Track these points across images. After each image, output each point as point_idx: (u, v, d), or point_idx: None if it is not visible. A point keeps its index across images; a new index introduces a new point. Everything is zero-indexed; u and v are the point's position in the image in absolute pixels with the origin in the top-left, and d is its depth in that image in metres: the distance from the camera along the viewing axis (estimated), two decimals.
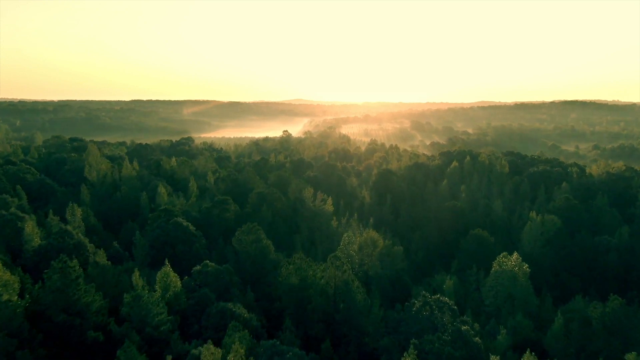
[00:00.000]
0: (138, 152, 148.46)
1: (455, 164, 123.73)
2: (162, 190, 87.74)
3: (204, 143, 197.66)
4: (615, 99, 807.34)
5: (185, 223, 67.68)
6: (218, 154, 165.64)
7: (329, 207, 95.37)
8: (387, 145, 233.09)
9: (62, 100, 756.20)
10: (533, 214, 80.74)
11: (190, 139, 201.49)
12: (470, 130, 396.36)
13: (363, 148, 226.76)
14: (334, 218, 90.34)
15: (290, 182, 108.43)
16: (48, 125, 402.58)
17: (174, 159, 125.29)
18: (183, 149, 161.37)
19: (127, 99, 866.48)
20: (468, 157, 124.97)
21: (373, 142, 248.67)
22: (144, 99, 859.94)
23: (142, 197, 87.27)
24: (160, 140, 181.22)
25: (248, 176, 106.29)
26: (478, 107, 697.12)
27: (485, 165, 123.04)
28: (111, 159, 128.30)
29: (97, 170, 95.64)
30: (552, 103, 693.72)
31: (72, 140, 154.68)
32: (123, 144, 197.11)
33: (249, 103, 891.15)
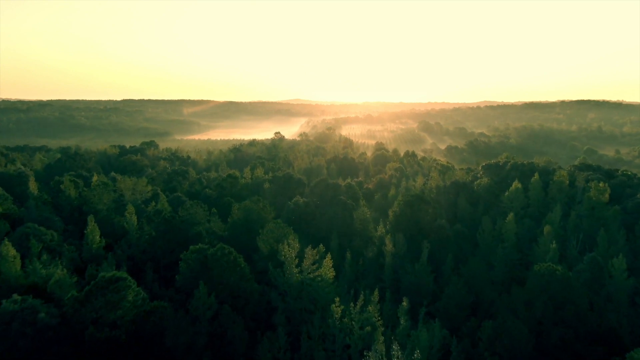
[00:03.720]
0: (62, 165, 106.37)
1: (517, 184, 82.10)
2: (7, 250, 45.90)
3: (167, 149, 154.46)
4: (620, 98, 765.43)
5: None
6: (179, 165, 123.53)
7: (326, 272, 53.48)
8: (396, 149, 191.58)
9: (52, 100, 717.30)
10: None
11: (153, 144, 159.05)
12: (485, 132, 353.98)
13: (369, 154, 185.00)
14: (337, 300, 48.17)
15: (265, 220, 66.91)
16: (14, 126, 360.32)
17: (95, 178, 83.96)
18: (131, 158, 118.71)
19: (119, 98, 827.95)
20: (536, 175, 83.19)
21: (380, 146, 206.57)
22: (136, 99, 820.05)
23: None
24: (109, 145, 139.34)
25: (193, 211, 64.54)
26: (486, 106, 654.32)
27: (564, 187, 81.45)
28: (7, 178, 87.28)
29: None
30: (564, 102, 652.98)
31: None
32: (67, 149, 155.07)
33: (244, 103, 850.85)
